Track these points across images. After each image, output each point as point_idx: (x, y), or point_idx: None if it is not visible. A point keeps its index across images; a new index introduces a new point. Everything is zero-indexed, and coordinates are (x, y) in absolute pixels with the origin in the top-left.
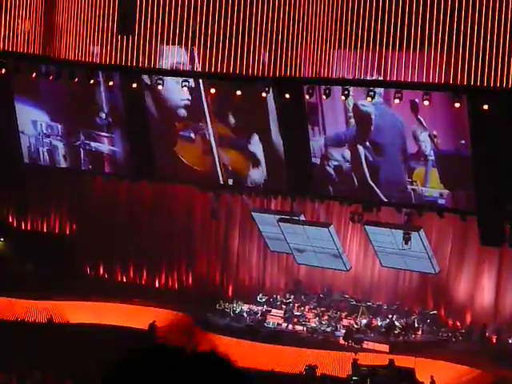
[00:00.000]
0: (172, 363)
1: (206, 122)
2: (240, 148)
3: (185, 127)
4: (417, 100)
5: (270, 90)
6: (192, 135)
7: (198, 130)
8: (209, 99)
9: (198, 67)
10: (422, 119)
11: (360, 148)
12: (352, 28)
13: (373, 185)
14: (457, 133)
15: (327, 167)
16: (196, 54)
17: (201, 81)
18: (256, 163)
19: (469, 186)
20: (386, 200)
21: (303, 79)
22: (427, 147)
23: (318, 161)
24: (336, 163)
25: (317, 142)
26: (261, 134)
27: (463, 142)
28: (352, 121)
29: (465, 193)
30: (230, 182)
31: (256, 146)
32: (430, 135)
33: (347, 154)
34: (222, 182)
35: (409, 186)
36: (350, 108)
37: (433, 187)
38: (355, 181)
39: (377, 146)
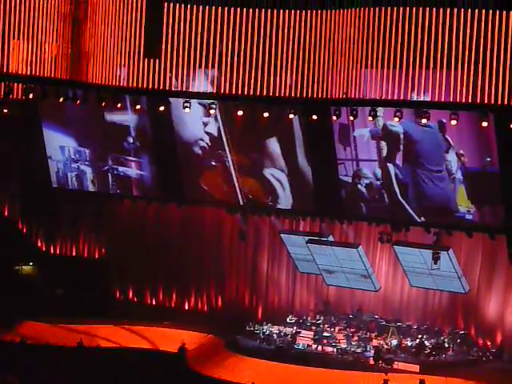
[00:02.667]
0: None
1: (225, 151)
2: (258, 176)
3: (207, 156)
4: (444, 120)
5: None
6: (213, 163)
7: (219, 158)
8: (230, 127)
9: (225, 90)
10: (449, 138)
11: (390, 166)
12: (379, 48)
13: (403, 202)
14: (483, 150)
15: (359, 185)
16: (223, 77)
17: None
18: (280, 189)
19: (496, 201)
20: (416, 217)
21: (330, 101)
22: (454, 165)
23: (349, 179)
24: (367, 181)
25: (349, 162)
26: (287, 156)
27: (489, 159)
28: (382, 141)
29: (492, 208)
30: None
31: (281, 170)
32: (456, 153)
33: (378, 172)
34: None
35: (439, 201)
36: (380, 128)
37: (460, 203)
38: (386, 198)
39: (407, 164)
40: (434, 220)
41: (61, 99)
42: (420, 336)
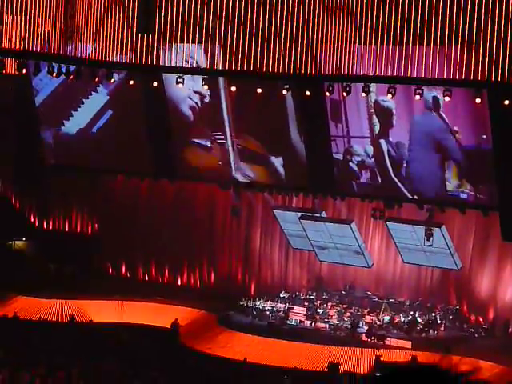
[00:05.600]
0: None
1: (225, 132)
2: (261, 161)
3: (200, 134)
4: (439, 96)
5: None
6: (208, 144)
7: (216, 139)
8: (228, 102)
9: (218, 65)
10: (443, 115)
11: (383, 143)
12: (372, 24)
13: (396, 180)
14: (478, 127)
15: (350, 163)
16: (216, 52)
17: (221, 82)
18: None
19: (490, 180)
20: (409, 195)
21: (323, 76)
22: (449, 143)
23: (340, 157)
24: (359, 159)
25: (340, 139)
26: (280, 132)
27: (484, 136)
28: (374, 116)
29: (486, 187)
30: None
31: (276, 147)
32: (451, 131)
33: (370, 149)
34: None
35: (433, 181)
36: (372, 104)
37: (455, 182)
38: (378, 176)
39: (399, 141)
40: (426, 198)
41: (54, 74)
42: (412, 312)
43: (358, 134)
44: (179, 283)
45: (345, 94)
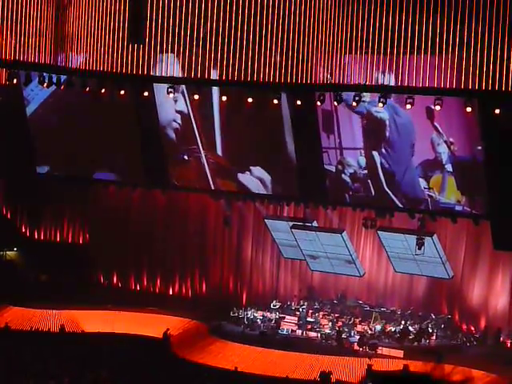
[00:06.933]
0: None
1: (198, 146)
2: (233, 177)
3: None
4: (432, 106)
5: (283, 97)
6: (185, 157)
7: (193, 153)
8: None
9: (211, 75)
10: (437, 126)
11: (375, 155)
12: (363, 33)
13: (389, 192)
14: (473, 138)
15: (343, 175)
16: (207, 62)
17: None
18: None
19: (484, 191)
20: (401, 206)
21: (315, 85)
22: (444, 155)
23: (333, 168)
24: (352, 171)
25: (332, 150)
26: (273, 142)
27: (479, 147)
28: (367, 127)
29: (481, 198)
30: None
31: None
32: (446, 142)
33: (362, 160)
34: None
35: (426, 193)
36: (365, 114)
37: (450, 194)
38: (371, 188)
39: (392, 153)
40: (419, 209)
41: (45, 84)
42: (404, 321)
43: (350, 146)
44: (171, 293)
45: (336, 103)
